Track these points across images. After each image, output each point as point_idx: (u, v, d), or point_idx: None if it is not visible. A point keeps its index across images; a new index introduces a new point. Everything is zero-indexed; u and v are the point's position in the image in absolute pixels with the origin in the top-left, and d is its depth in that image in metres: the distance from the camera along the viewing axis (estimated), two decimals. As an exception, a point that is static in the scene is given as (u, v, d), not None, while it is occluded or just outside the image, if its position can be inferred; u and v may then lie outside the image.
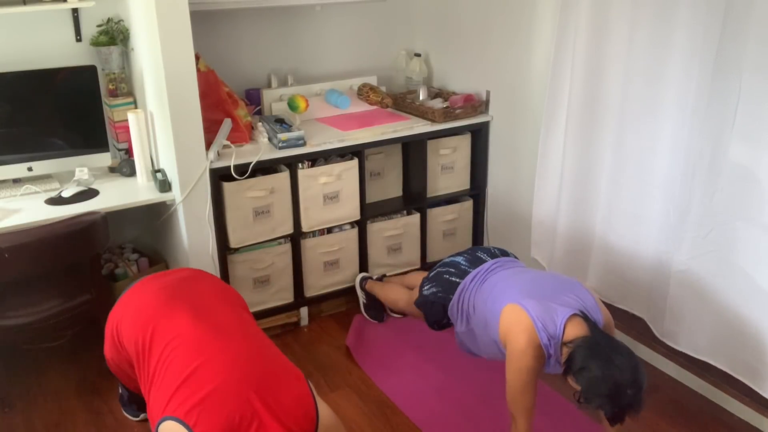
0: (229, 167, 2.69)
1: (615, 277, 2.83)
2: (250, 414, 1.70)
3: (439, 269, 2.53)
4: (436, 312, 2.50)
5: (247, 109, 3.04)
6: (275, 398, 1.75)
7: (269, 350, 1.95)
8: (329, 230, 3.09)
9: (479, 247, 2.58)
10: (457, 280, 2.41)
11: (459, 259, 2.49)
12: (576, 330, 2.01)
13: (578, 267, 2.96)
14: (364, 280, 3.14)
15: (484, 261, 2.43)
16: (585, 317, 2.04)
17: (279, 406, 1.74)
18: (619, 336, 2.90)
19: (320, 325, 3.13)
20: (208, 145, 2.66)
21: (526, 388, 2.06)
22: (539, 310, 2.05)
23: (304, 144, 2.87)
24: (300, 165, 2.90)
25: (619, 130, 2.66)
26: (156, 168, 2.80)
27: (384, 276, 3.17)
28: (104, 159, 2.86)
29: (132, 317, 2.07)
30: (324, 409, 1.84)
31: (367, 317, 3.11)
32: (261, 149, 2.81)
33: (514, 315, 2.09)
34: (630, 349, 1.95)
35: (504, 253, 2.51)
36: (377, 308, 3.10)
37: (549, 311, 2.05)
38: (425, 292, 2.53)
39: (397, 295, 2.85)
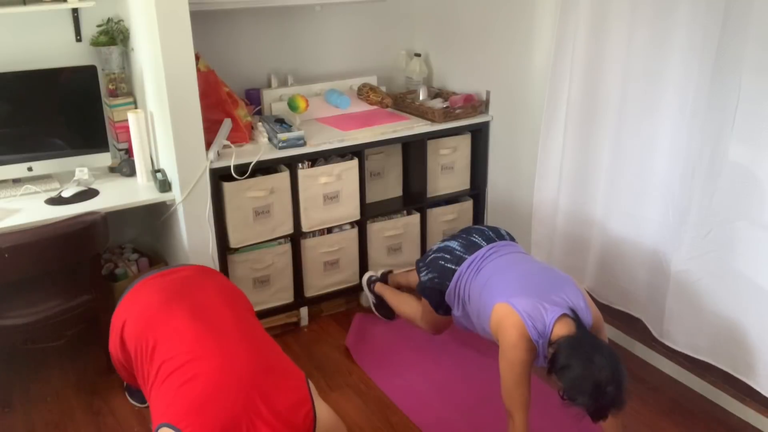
0: (229, 167, 2.69)
1: (614, 278, 2.83)
2: (244, 420, 1.71)
3: (434, 254, 2.53)
4: (434, 297, 2.51)
5: (247, 109, 3.04)
6: (271, 402, 1.75)
7: (269, 352, 1.95)
8: (329, 230, 3.09)
9: (473, 228, 2.56)
10: (453, 267, 2.42)
11: (453, 244, 2.48)
12: (564, 329, 2.03)
13: (577, 267, 2.96)
14: (371, 282, 3.11)
15: (479, 245, 2.43)
16: (575, 317, 2.06)
17: (275, 410, 1.74)
18: (619, 336, 2.91)
19: (320, 325, 3.13)
20: (208, 145, 2.66)
21: (520, 382, 2.07)
22: (529, 308, 2.07)
23: (304, 144, 2.87)
24: (300, 165, 2.90)
25: (618, 131, 2.66)
26: (156, 168, 2.80)
27: (390, 272, 3.16)
28: (104, 159, 2.86)
29: (135, 319, 2.09)
30: (323, 411, 1.84)
31: (379, 316, 3.09)
32: (261, 149, 2.81)
33: (503, 313, 2.12)
34: (612, 349, 1.98)
35: (498, 234, 2.50)
36: (387, 307, 3.05)
37: (539, 310, 2.07)
38: (422, 278, 2.54)
39: (412, 311, 2.77)
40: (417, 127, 3.14)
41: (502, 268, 2.31)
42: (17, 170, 2.74)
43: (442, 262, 2.46)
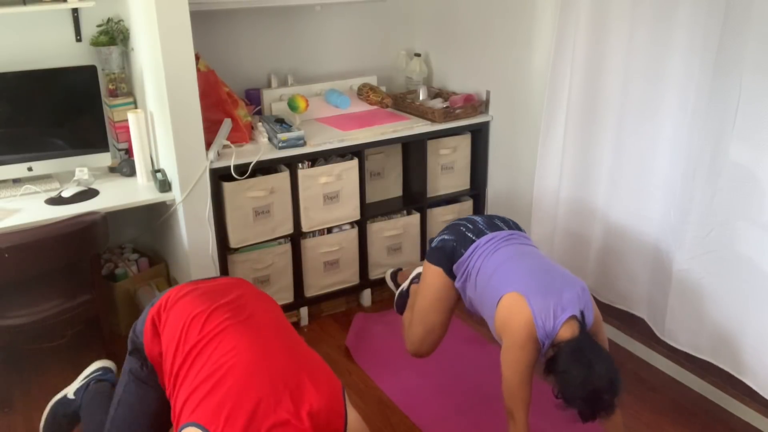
0: (229, 167, 2.69)
1: (615, 277, 2.83)
2: (272, 417, 1.68)
3: (456, 222, 2.49)
4: (442, 260, 2.42)
5: (247, 109, 3.04)
6: (304, 403, 1.73)
7: (307, 356, 1.92)
8: (329, 230, 3.09)
9: (496, 215, 2.55)
10: (473, 237, 2.37)
11: (477, 218, 2.46)
12: (569, 332, 2.02)
13: (578, 266, 2.96)
14: (394, 274, 3.08)
15: (501, 228, 2.41)
16: (581, 321, 2.05)
17: (307, 411, 1.72)
18: (619, 336, 2.91)
19: (320, 325, 3.13)
20: (208, 145, 2.66)
21: (523, 382, 2.06)
22: (541, 305, 2.05)
23: (304, 144, 2.87)
24: (300, 165, 2.90)
25: (619, 130, 2.66)
26: (156, 168, 2.80)
27: (400, 270, 3.13)
28: (104, 159, 2.86)
29: (175, 315, 1.99)
30: (353, 417, 1.81)
31: (395, 306, 2.94)
32: (261, 149, 2.81)
33: (515, 306, 2.08)
34: (611, 357, 1.98)
35: (518, 228, 2.49)
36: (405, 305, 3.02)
37: (550, 308, 2.05)
38: (436, 241, 2.45)
39: (406, 319, 2.70)
40: (417, 127, 3.14)
41: (519, 255, 2.28)
42: (17, 170, 2.74)
43: (463, 229, 2.42)
